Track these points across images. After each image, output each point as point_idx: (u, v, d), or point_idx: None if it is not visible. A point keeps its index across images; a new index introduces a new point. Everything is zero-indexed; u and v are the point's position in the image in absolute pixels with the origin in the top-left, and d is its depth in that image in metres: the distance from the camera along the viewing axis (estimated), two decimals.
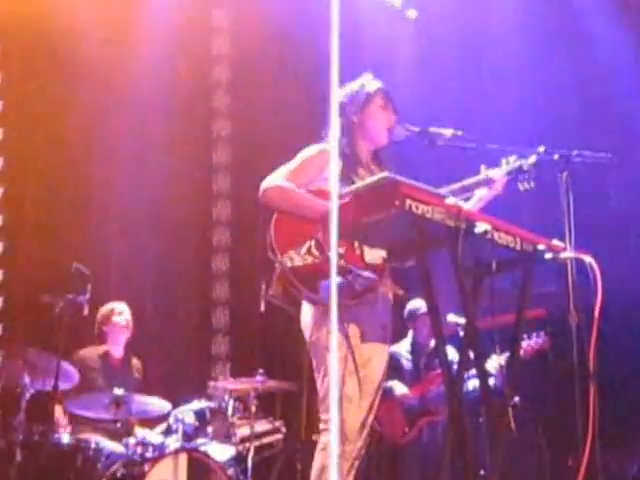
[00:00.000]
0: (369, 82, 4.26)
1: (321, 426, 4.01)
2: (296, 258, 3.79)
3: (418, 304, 6.87)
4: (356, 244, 3.85)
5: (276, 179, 4.00)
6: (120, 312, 6.62)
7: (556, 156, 4.00)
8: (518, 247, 3.57)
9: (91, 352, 6.54)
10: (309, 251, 3.79)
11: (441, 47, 8.01)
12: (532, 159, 4.20)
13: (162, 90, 8.10)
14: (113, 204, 8.01)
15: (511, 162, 4.29)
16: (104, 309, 6.64)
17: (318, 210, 3.82)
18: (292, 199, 3.94)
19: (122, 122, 8.00)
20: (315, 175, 4.04)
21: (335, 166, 2.99)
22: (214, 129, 8.88)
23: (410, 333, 7.17)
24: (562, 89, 7.64)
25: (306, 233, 3.82)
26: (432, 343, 6.92)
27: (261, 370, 6.15)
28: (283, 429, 6.30)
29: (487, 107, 7.54)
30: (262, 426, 6.24)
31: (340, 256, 3.70)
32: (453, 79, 8.03)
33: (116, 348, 6.62)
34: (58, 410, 6.01)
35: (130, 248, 7.90)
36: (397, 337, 7.28)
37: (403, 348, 7.12)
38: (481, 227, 3.41)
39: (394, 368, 7.08)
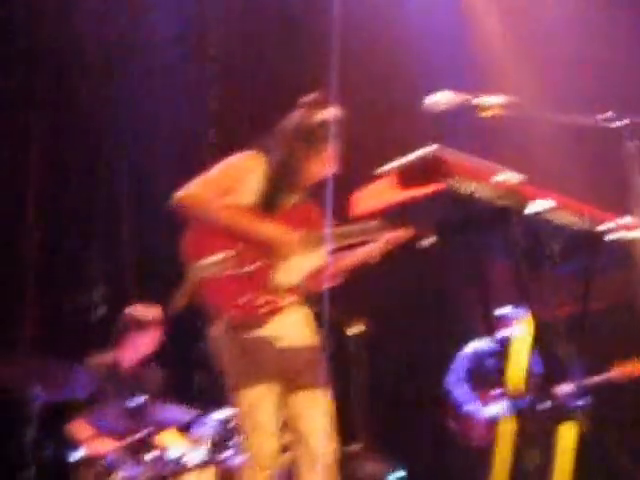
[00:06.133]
0: (321, 123, 4.24)
1: None
2: (206, 268, 3.95)
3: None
4: (269, 262, 4.05)
5: (193, 190, 4.11)
6: (152, 320, 6.36)
7: (625, 122, 3.83)
8: (582, 227, 3.43)
9: (98, 362, 6.41)
10: (221, 263, 3.96)
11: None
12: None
13: None
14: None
15: None
16: (143, 312, 6.34)
17: (235, 225, 4.05)
18: (209, 213, 4.09)
19: None
20: (236, 186, 4.16)
21: None
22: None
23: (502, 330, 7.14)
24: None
25: (220, 243, 4.02)
26: None
27: None
28: None
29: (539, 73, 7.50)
30: None
31: (251, 273, 4.00)
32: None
33: (131, 356, 6.49)
34: (79, 426, 5.96)
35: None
36: None
37: (489, 345, 7.08)
38: (538, 205, 3.28)
39: (478, 366, 7.10)
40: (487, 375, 7.05)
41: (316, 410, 4.16)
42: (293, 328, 4.20)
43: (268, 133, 4.35)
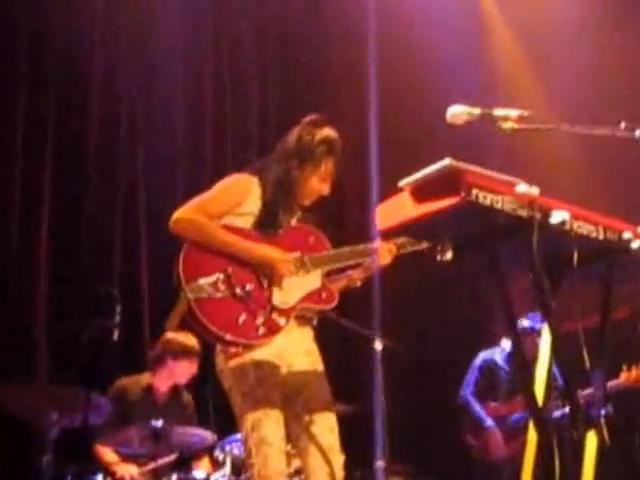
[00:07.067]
0: (322, 140, 4.36)
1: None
2: (201, 290, 3.98)
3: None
4: (265, 284, 4.10)
5: (189, 211, 4.20)
6: (192, 349, 6.41)
7: (638, 133, 3.88)
8: (601, 237, 3.48)
9: (133, 383, 6.46)
10: (215, 285, 4.00)
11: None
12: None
13: None
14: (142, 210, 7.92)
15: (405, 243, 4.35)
16: (185, 340, 6.38)
17: (230, 246, 4.10)
18: (204, 233, 4.14)
19: None
20: (231, 208, 4.25)
21: None
22: None
23: (508, 341, 7.09)
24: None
25: (215, 264, 4.06)
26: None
27: None
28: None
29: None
30: None
31: (247, 294, 4.02)
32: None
33: (165, 383, 6.52)
34: (105, 451, 6.02)
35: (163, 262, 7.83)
36: None
37: (499, 356, 7.07)
38: (558, 216, 3.34)
39: (489, 377, 7.07)
40: (498, 386, 7.03)
41: (321, 427, 4.23)
42: (292, 348, 4.26)
43: (263, 155, 4.48)
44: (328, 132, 4.37)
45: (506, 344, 7.14)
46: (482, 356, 7.23)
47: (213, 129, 8.46)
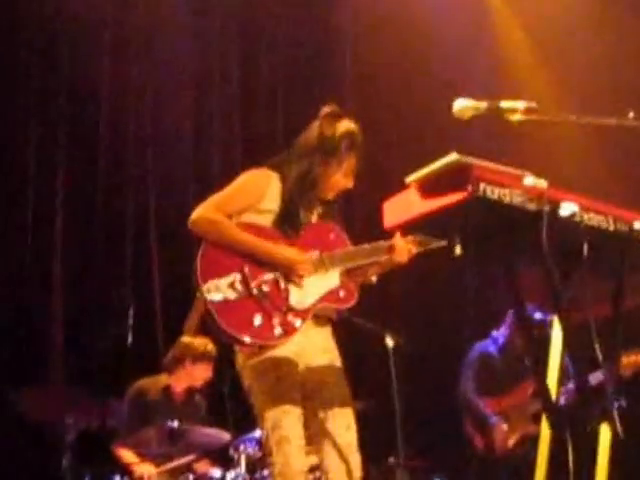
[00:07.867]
0: (344, 134, 4.29)
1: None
2: (218, 290, 3.94)
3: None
4: (282, 285, 4.05)
5: (207, 210, 4.14)
6: (209, 353, 6.46)
7: None
8: (611, 227, 3.47)
9: (151, 384, 6.50)
10: (232, 285, 3.96)
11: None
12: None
13: None
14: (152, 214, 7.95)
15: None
16: (204, 345, 6.43)
17: (248, 246, 4.05)
18: (221, 233, 4.09)
19: None
20: (251, 204, 4.20)
21: None
22: None
23: (503, 330, 7.04)
24: None
25: (232, 265, 4.01)
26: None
27: None
28: None
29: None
30: None
31: (264, 295, 3.98)
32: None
33: (181, 384, 6.57)
34: (124, 452, 6.05)
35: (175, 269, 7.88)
36: None
37: (492, 347, 7.02)
38: (567, 208, 3.34)
39: (486, 370, 7.01)
40: (496, 377, 6.93)
41: (338, 425, 4.19)
42: (310, 347, 4.22)
43: (281, 150, 4.40)
44: (348, 125, 4.30)
45: (499, 334, 7.08)
46: (477, 349, 7.14)
47: (220, 130, 8.47)
